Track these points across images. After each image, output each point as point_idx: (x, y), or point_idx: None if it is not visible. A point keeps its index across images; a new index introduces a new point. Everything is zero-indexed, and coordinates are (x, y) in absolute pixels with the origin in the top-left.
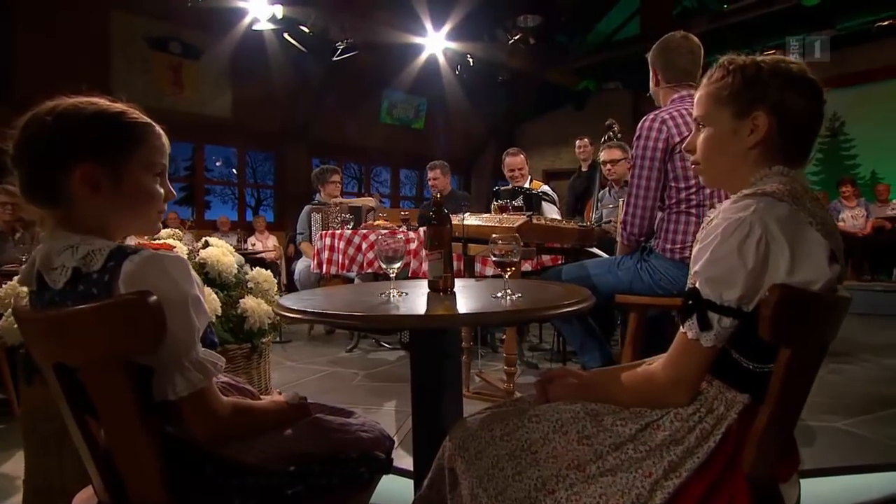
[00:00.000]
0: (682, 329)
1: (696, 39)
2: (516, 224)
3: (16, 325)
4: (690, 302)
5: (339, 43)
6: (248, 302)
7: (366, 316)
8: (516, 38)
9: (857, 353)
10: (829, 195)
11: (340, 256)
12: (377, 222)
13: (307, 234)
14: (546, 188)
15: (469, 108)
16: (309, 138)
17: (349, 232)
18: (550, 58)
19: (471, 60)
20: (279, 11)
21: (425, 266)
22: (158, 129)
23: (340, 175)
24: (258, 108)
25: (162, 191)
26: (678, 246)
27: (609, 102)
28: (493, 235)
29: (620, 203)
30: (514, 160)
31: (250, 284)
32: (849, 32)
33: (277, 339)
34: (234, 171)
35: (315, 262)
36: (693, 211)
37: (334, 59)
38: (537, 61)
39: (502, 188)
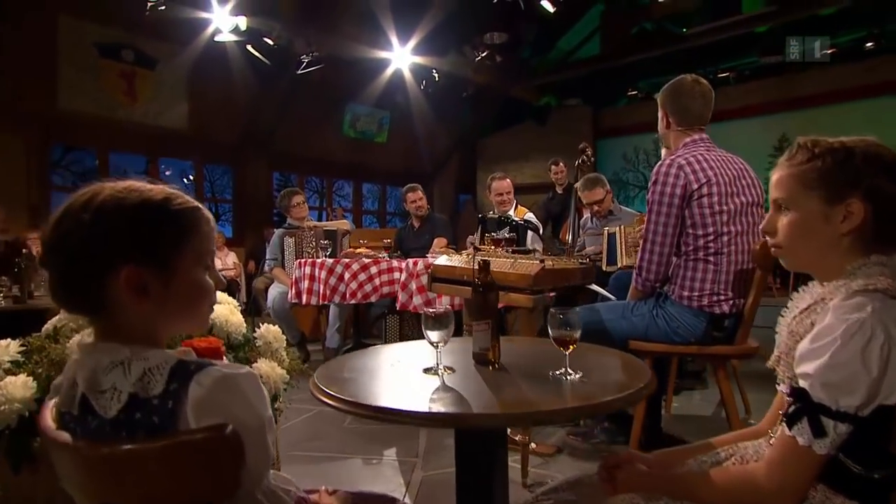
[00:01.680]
0: (788, 433)
1: (706, 83)
2: (533, 272)
3: (4, 408)
4: (799, 405)
5: (304, 56)
6: (263, 367)
7: (432, 415)
8: (483, 55)
9: None
10: None
11: (321, 286)
12: (359, 250)
13: (280, 259)
14: (530, 216)
15: (432, 122)
16: (269, 151)
17: (330, 261)
18: (514, 74)
19: (436, 75)
20: (243, 23)
21: (416, 300)
22: (206, 211)
23: (303, 196)
24: (216, 119)
25: (212, 282)
26: (696, 293)
27: (570, 118)
28: (552, 310)
29: (605, 231)
30: (501, 184)
31: (259, 343)
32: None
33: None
34: (186, 180)
35: (293, 291)
36: (711, 259)
37: (299, 72)
38: (501, 77)
39: (488, 216)
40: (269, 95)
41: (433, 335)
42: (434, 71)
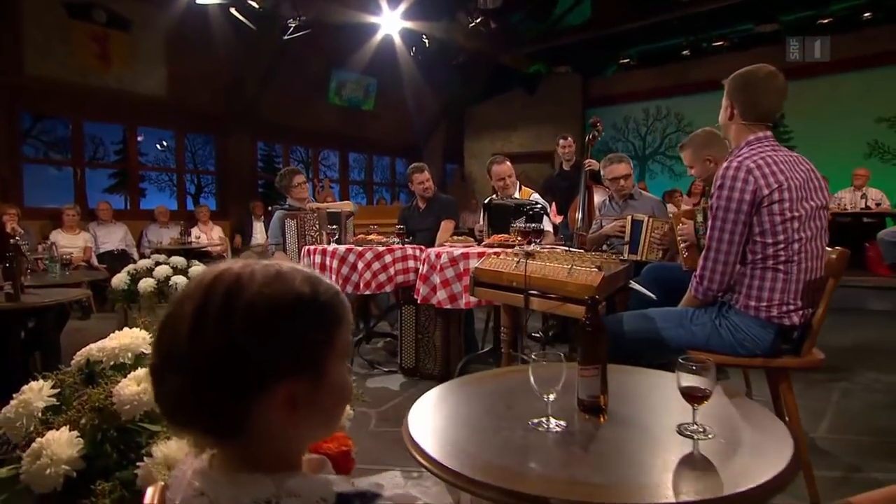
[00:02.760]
0: None
1: (783, 78)
2: (595, 282)
3: (49, 471)
4: None
5: (291, 21)
6: None
7: None
8: (477, 21)
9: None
10: None
11: (333, 276)
12: (370, 237)
13: (282, 242)
14: (536, 196)
15: (421, 89)
16: (253, 120)
17: (342, 249)
18: (505, 41)
19: (426, 41)
20: None
21: (441, 295)
22: (343, 295)
23: (304, 175)
24: (198, 87)
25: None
26: (763, 304)
27: (559, 86)
28: (681, 360)
29: (630, 217)
30: (501, 168)
31: None
32: (790, 27)
33: None
34: (160, 146)
35: None
36: (781, 267)
37: (285, 38)
38: (492, 44)
39: (494, 202)
40: (254, 62)
41: (544, 387)
42: (424, 37)
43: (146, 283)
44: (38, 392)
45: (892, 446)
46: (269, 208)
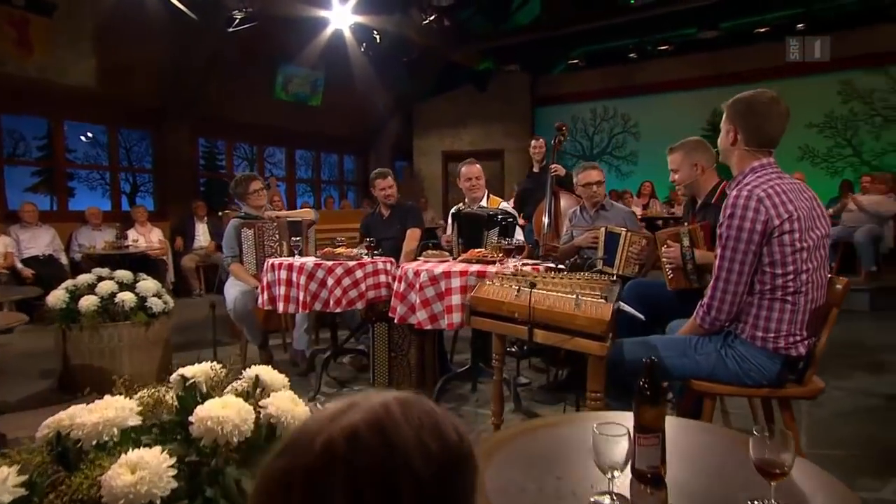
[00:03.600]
0: None
1: (785, 104)
2: (608, 316)
3: None
4: None
5: (236, 12)
6: None
7: None
8: (431, 18)
9: None
10: None
11: (301, 293)
12: (338, 250)
13: (238, 253)
14: (505, 205)
15: (370, 85)
16: (194, 115)
17: (311, 263)
18: (457, 37)
19: (377, 37)
20: None
21: (420, 315)
22: None
23: (261, 181)
24: (132, 78)
25: None
26: (771, 335)
27: (509, 84)
28: (756, 431)
29: (604, 229)
30: (471, 169)
31: None
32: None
33: None
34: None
35: (264, 296)
36: (790, 298)
37: (230, 29)
38: (444, 40)
39: (464, 211)
40: (195, 53)
41: (610, 464)
42: (375, 32)
43: (88, 302)
44: (121, 409)
45: (871, 460)
46: (221, 213)
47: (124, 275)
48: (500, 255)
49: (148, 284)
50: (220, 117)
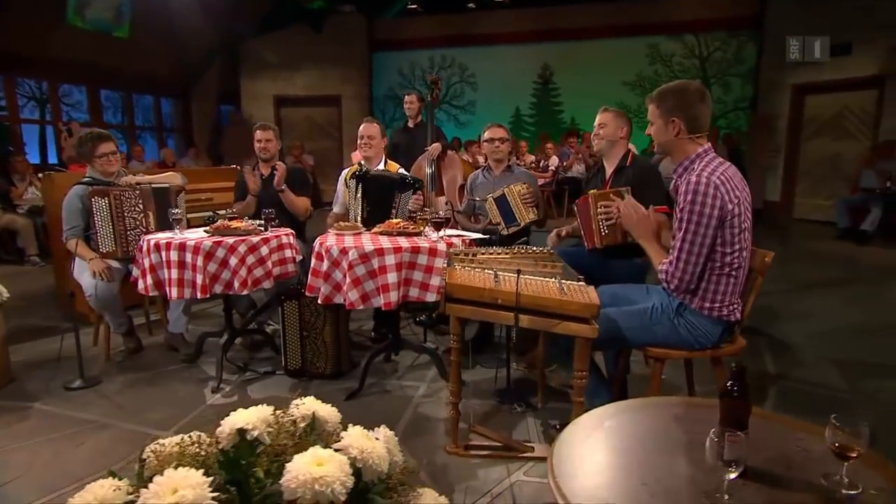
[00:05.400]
0: None
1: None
2: (596, 300)
3: None
4: None
5: None
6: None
7: None
8: None
9: None
10: (551, 137)
11: (198, 275)
12: (234, 224)
13: (80, 226)
14: (403, 171)
15: (189, 16)
16: None
17: (209, 242)
18: None
19: None
20: None
21: (352, 296)
22: None
23: (114, 142)
24: None
25: None
26: (717, 304)
27: (345, 26)
28: (834, 420)
29: (490, 199)
30: (368, 127)
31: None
32: None
33: (79, 384)
34: None
35: (145, 281)
36: (734, 273)
37: None
38: None
39: (372, 173)
40: None
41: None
42: None
43: None
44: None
45: None
46: (42, 175)
47: None
48: (425, 226)
49: None
50: None
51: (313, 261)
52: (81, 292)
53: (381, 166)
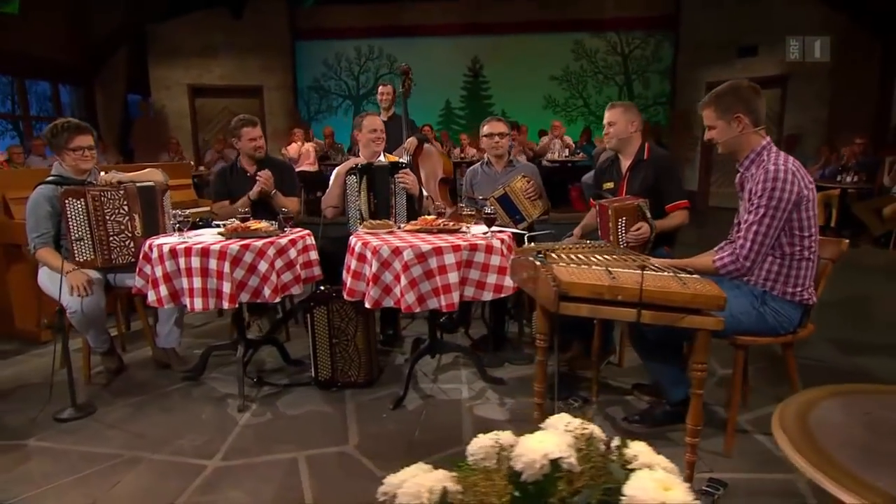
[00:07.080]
0: None
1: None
2: (718, 290)
3: None
4: None
5: None
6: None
7: None
8: None
9: None
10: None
11: (224, 284)
12: (256, 225)
13: (51, 233)
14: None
15: None
16: None
17: (236, 247)
18: None
19: None
20: None
21: (409, 299)
22: None
23: (91, 135)
24: None
25: None
26: (798, 289)
27: (265, 12)
28: None
29: (491, 200)
30: (375, 120)
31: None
32: None
33: (71, 413)
34: None
35: (158, 292)
36: (812, 257)
37: None
38: None
39: (376, 164)
40: None
41: None
42: None
43: None
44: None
45: None
46: None
47: None
48: (474, 222)
49: None
50: None
51: (352, 262)
52: (49, 304)
53: (383, 157)
